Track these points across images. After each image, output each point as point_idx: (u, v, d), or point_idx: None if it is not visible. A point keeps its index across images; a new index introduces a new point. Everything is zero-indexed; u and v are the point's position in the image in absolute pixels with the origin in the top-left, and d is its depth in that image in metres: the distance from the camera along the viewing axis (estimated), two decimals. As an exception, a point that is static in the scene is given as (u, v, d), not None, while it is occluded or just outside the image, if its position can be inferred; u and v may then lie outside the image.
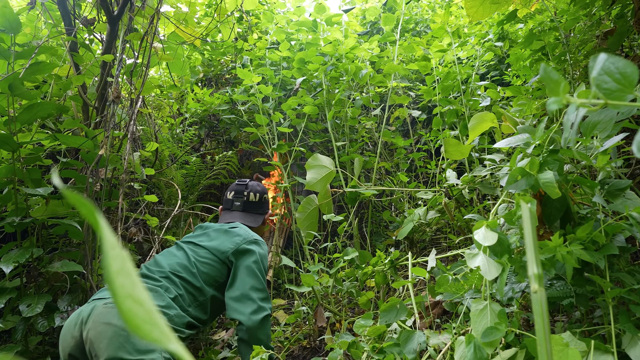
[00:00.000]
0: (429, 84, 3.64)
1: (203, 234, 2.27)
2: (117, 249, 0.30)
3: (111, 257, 0.29)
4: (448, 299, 2.02)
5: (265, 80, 4.20)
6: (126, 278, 0.29)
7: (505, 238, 1.39)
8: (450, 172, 2.96)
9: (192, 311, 2.00)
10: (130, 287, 0.29)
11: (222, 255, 2.12)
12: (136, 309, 0.28)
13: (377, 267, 2.53)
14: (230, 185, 2.57)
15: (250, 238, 2.20)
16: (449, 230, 3.43)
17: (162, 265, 2.07)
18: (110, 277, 0.28)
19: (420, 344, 1.73)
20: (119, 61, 2.60)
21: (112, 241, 0.30)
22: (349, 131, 4.12)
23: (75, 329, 1.78)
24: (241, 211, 2.45)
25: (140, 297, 0.30)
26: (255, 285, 2.07)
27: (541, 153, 1.58)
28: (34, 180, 2.46)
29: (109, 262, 0.28)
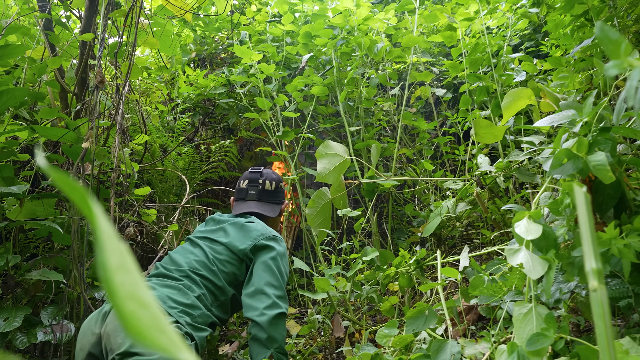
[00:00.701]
0: (455, 57, 3.60)
1: (219, 229, 2.36)
2: (115, 241, 0.28)
3: (108, 250, 0.27)
4: (484, 303, 2.00)
5: (266, 58, 4.18)
6: (127, 275, 0.28)
7: (551, 231, 1.37)
8: (482, 157, 2.93)
9: (215, 311, 2.13)
10: (132, 287, 0.28)
11: (240, 252, 2.22)
12: (140, 313, 0.27)
13: (401, 269, 2.52)
14: (243, 173, 2.63)
15: (269, 234, 2.29)
16: (482, 224, 3.40)
17: (179, 264, 2.17)
18: (108, 275, 0.27)
19: (453, 355, 1.72)
20: (101, 40, 2.59)
21: (109, 231, 0.28)
22: (364, 114, 4.10)
23: (96, 326, 1.90)
24: (257, 200, 2.52)
25: (144, 298, 0.28)
26: (271, 281, 2.14)
27: (590, 132, 1.55)
28: (6, 178, 2.46)
29: (106, 256, 0.27)
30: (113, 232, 0.29)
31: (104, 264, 0.27)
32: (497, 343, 1.69)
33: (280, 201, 2.61)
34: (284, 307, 2.13)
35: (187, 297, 2.02)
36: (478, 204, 2.95)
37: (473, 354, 1.71)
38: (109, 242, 0.28)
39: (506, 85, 3.44)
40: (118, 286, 0.26)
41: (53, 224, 2.28)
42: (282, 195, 2.63)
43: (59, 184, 0.29)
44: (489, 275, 1.95)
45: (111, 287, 0.26)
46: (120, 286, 0.27)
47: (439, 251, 2.41)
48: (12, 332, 2.16)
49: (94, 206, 0.28)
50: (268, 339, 2.05)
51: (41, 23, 2.92)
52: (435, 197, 3.72)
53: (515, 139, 3.33)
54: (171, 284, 2.06)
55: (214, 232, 2.35)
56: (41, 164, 0.30)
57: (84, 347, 1.90)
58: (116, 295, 0.26)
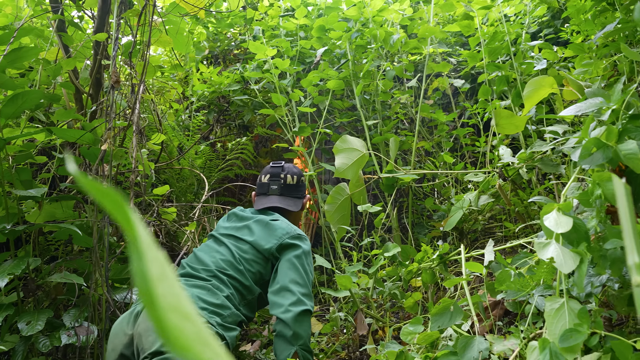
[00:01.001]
0: (473, 47, 3.56)
1: (243, 226, 2.37)
2: (154, 250, 0.27)
3: (149, 259, 0.26)
4: (511, 298, 1.97)
5: (280, 53, 4.16)
6: (168, 286, 0.26)
7: (582, 223, 1.35)
8: (503, 149, 2.90)
9: (243, 310, 2.16)
10: (174, 298, 0.26)
11: (266, 252, 2.24)
12: (183, 325, 0.26)
13: (424, 264, 2.50)
14: (264, 168, 2.63)
15: (294, 233, 2.30)
16: (505, 217, 3.37)
17: (206, 263, 2.20)
18: (148, 286, 0.25)
19: (481, 352, 1.69)
20: (115, 40, 2.59)
21: (148, 240, 0.27)
22: (381, 107, 4.07)
23: (128, 326, 1.93)
24: (279, 195, 2.53)
25: (187, 309, 0.27)
26: (296, 279, 2.16)
27: (618, 120, 1.52)
28: (24, 182, 2.47)
29: (147, 267, 0.26)
30: (152, 240, 0.27)
31: (144, 274, 0.26)
32: (527, 339, 1.66)
33: (302, 195, 2.62)
34: (309, 304, 2.14)
35: (217, 297, 2.05)
36: (500, 196, 2.92)
37: (502, 351, 1.69)
38: (149, 251, 0.26)
39: (526, 74, 3.39)
40: (160, 298, 0.25)
41: (73, 227, 2.29)
42: (304, 190, 2.64)
43: (92, 191, 0.27)
44: (515, 270, 1.92)
45: (152, 299, 0.25)
46: (162, 298, 0.25)
47: (463, 245, 2.39)
48: (34, 335, 2.18)
49: (131, 214, 0.27)
50: (293, 335, 2.05)
51: (54, 24, 2.93)
52: (456, 190, 3.68)
53: (537, 129, 3.28)
54: (200, 284, 2.08)
55: (239, 229, 2.36)
56: (71, 171, 0.29)
57: (116, 347, 1.93)
58: (158, 307, 0.25)
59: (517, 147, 3.63)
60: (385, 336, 2.64)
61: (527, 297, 1.89)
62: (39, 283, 2.43)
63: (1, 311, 2.18)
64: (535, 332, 1.70)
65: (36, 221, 2.44)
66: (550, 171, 2.68)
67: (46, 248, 2.93)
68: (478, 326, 1.94)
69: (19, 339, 2.26)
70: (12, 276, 2.15)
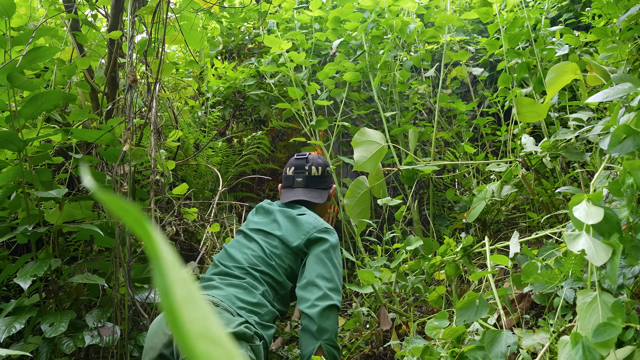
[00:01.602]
0: (491, 34, 3.51)
1: (272, 221, 2.39)
2: (178, 270, 0.25)
3: (173, 281, 0.24)
4: (539, 291, 1.94)
5: (295, 46, 4.13)
6: (196, 310, 0.24)
7: (614, 213, 1.31)
8: (526, 137, 2.86)
9: (277, 305, 2.17)
10: (202, 323, 0.24)
11: (294, 248, 2.25)
12: (214, 352, 0.24)
13: (447, 257, 2.47)
14: (289, 160, 2.65)
15: (321, 227, 2.30)
16: (528, 207, 3.32)
17: (238, 260, 2.21)
18: (174, 310, 0.23)
19: (509, 346, 1.66)
20: (130, 38, 2.58)
21: (171, 259, 0.25)
22: (399, 98, 4.04)
23: (167, 326, 1.91)
24: (304, 187, 2.54)
25: (217, 334, 0.25)
26: (323, 273, 2.16)
27: (648, 106, 1.48)
28: (44, 183, 2.48)
29: (171, 289, 0.23)
30: (176, 258, 0.25)
31: (169, 298, 0.23)
32: (557, 333, 1.63)
33: (328, 186, 2.62)
34: (336, 299, 2.13)
35: (253, 295, 2.06)
36: (524, 186, 2.87)
37: (531, 345, 1.66)
38: (173, 272, 0.24)
39: (547, 61, 3.34)
40: (187, 324, 0.23)
41: (95, 227, 2.29)
42: (330, 180, 2.64)
43: (112, 206, 0.25)
44: (542, 261, 1.89)
45: (179, 325, 0.23)
46: (190, 324, 0.23)
47: (487, 237, 2.35)
48: (58, 336, 2.18)
49: (152, 230, 0.25)
50: (318, 330, 2.04)
51: (68, 23, 2.93)
52: (478, 181, 3.64)
53: (559, 116, 3.23)
54: (236, 283, 2.10)
55: (267, 224, 2.38)
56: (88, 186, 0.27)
57: (155, 346, 1.92)
58: (186, 335, 0.23)
59: (540, 136, 3.58)
60: (409, 331, 2.62)
61: (555, 290, 1.86)
62: (61, 284, 2.44)
63: (24, 313, 2.19)
64: (564, 325, 1.67)
65: (57, 222, 2.45)
66: (574, 159, 2.64)
67: (66, 249, 2.94)
68: (505, 320, 1.91)
69: (42, 341, 2.27)
70: (35, 278, 2.16)
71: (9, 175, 2.36)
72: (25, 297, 2.38)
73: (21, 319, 2.15)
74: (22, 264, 2.31)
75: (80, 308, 2.67)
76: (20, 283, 2.12)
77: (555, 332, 1.63)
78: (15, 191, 2.47)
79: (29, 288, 2.17)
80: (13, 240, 2.85)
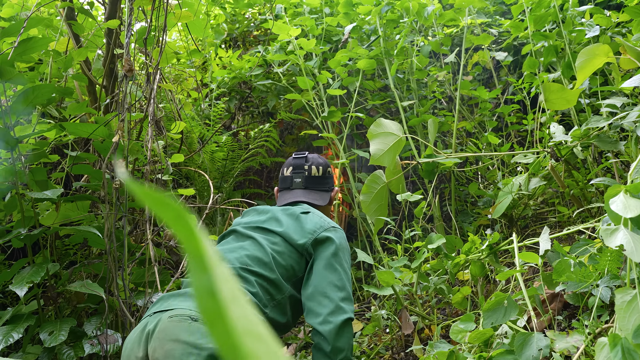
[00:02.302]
0: (515, 15, 3.50)
1: (270, 218, 2.26)
2: (222, 267, 0.26)
3: (219, 279, 0.25)
4: (572, 290, 1.94)
5: (305, 32, 4.14)
6: (240, 308, 0.25)
7: (654, 205, 1.31)
8: (555, 126, 2.85)
9: (270, 312, 2.02)
10: (246, 320, 0.25)
11: (299, 247, 2.13)
12: (259, 349, 0.25)
13: (472, 256, 2.47)
14: (287, 160, 2.55)
15: (328, 225, 2.20)
16: (558, 201, 3.32)
17: (228, 260, 2.07)
18: (219, 309, 0.24)
19: (541, 350, 1.67)
20: (128, 26, 2.60)
21: (214, 257, 0.26)
22: (417, 86, 4.03)
23: (139, 348, 1.78)
24: (303, 189, 2.44)
25: (260, 330, 0.26)
26: (334, 280, 2.05)
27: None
28: (39, 182, 2.50)
29: (216, 287, 0.24)
30: (219, 256, 0.26)
31: (214, 295, 0.24)
32: (592, 335, 1.63)
33: (330, 188, 2.51)
34: (350, 310, 2.03)
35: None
36: (553, 178, 2.87)
37: (565, 348, 1.66)
38: (217, 269, 0.25)
39: (576, 43, 3.33)
40: (235, 321, 0.24)
41: (92, 229, 2.31)
42: (331, 182, 2.54)
43: (147, 200, 0.26)
44: (575, 259, 1.89)
45: (226, 323, 0.24)
46: (237, 321, 0.24)
47: (514, 234, 2.35)
48: (58, 346, 2.21)
49: (194, 226, 0.26)
50: (333, 350, 1.94)
51: (63, 12, 2.95)
52: (503, 173, 3.64)
53: (590, 102, 3.22)
54: None
55: (265, 222, 2.25)
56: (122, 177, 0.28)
57: None
58: (233, 332, 0.24)
59: (569, 124, 3.56)
60: (432, 335, 2.62)
61: (589, 289, 1.86)
62: (59, 290, 2.47)
63: (22, 321, 2.21)
64: (600, 326, 1.67)
65: (52, 224, 2.47)
66: (608, 149, 2.63)
67: (64, 252, 2.97)
68: (535, 322, 1.91)
69: (41, 350, 2.29)
70: (32, 284, 2.18)
71: (1, 175, 2.38)
72: (22, 304, 2.40)
73: (19, 327, 2.17)
74: (18, 269, 2.33)
75: (80, 315, 2.69)
76: (16, 290, 2.13)
77: (590, 333, 1.63)
78: (10, 192, 2.49)
79: (26, 295, 2.20)
80: (9, 244, 2.87)
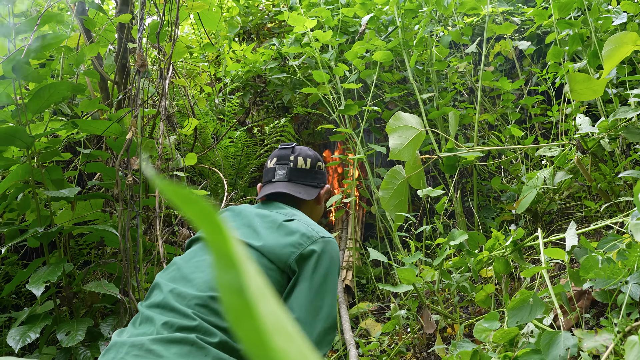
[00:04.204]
0: (539, 3, 3.48)
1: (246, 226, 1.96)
2: (250, 265, 0.27)
3: (247, 276, 0.25)
4: (600, 287, 1.93)
5: (320, 24, 4.14)
6: (269, 305, 0.26)
7: (685, 199, 1.30)
8: (581, 117, 2.83)
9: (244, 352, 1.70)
10: (276, 317, 0.26)
11: (281, 262, 1.81)
12: (290, 348, 0.25)
13: (495, 252, 2.47)
14: (272, 152, 2.26)
15: (316, 236, 1.88)
16: (584, 195, 3.29)
17: (194, 283, 1.72)
18: (249, 306, 0.25)
19: (569, 349, 1.66)
20: (140, 20, 2.62)
21: (243, 254, 0.26)
22: (436, 78, 4.02)
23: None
24: (287, 181, 2.17)
25: (290, 329, 0.26)
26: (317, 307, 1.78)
27: None
28: (55, 181, 2.53)
29: (246, 285, 0.25)
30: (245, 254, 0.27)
31: (243, 292, 0.25)
32: (622, 333, 1.62)
33: (319, 185, 2.23)
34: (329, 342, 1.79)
35: (205, 353, 1.53)
36: (579, 171, 2.85)
37: (593, 347, 1.65)
38: (245, 266, 0.26)
39: (603, 31, 3.30)
40: (265, 318, 0.24)
41: (109, 228, 2.33)
42: (322, 179, 2.26)
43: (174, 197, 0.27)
44: (603, 255, 1.88)
45: (255, 321, 0.24)
46: (267, 318, 0.25)
47: (539, 229, 2.34)
48: (75, 346, 2.23)
49: (222, 224, 0.26)
50: None
51: (74, 8, 2.98)
52: (527, 167, 3.62)
53: (618, 92, 3.19)
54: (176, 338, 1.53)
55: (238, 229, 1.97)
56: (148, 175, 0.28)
57: None
58: (263, 330, 0.24)
59: (596, 115, 3.54)
60: (455, 334, 2.62)
61: (618, 286, 1.85)
62: (74, 290, 2.50)
63: (39, 321, 2.24)
64: (631, 325, 1.66)
65: (68, 223, 2.50)
66: (637, 140, 2.61)
67: (78, 252, 3.00)
68: (562, 320, 1.90)
69: (57, 351, 2.33)
70: (48, 284, 2.21)
71: (17, 174, 2.41)
72: (38, 304, 2.44)
73: (36, 327, 2.20)
74: (34, 269, 2.36)
75: (95, 315, 2.72)
76: (33, 290, 2.16)
77: (620, 332, 1.62)
78: (23, 191, 2.52)
79: (42, 295, 2.23)
80: (21, 243, 2.89)
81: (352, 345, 2.81)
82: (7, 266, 3.05)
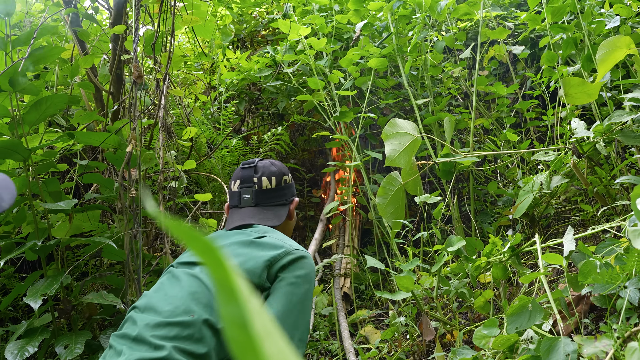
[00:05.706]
0: (532, 7, 3.49)
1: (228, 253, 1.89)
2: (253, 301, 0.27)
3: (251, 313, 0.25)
4: (599, 292, 1.93)
5: (314, 31, 4.15)
6: (275, 344, 0.26)
7: (682, 204, 1.30)
8: (576, 121, 2.84)
9: None
10: (282, 357, 0.26)
11: (255, 278, 1.79)
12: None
13: (493, 258, 2.47)
14: (234, 172, 2.19)
15: (290, 249, 1.86)
16: (581, 199, 3.30)
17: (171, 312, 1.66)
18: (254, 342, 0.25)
19: (569, 355, 1.66)
20: (135, 31, 2.62)
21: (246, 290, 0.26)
22: (431, 83, 4.03)
23: None
24: (254, 206, 2.09)
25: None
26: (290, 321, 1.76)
27: None
28: (52, 193, 2.53)
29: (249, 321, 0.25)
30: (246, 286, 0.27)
31: (247, 329, 0.25)
32: (622, 339, 1.62)
33: (288, 200, 2.16)
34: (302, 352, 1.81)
35: None
36: (576, 175, 2.86)
37: (593, 353, 1.65)
38: (249, 303, 0.26)
39: (596, 35, 3.32)
40: (270, 358, 0.24)
41: (106, 240, 2.32)
42: (290, 192, 2.19)
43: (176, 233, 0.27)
44: (601, 259, 1.88)
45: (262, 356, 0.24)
46: (273, 358, 0.25)
47: (537, 234, 2.35)
48: (73, 359, 2.22)
49: (224, 258, 0.26)
50: None
51: (68, 19, 2.98)
52: (523, 171, 3.62)
53: (612, 96, 3.20)
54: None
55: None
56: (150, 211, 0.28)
57: None
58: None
59: (591, 118, 3.55)
60: (454, 341, 2.62)
61: (617, 291, 1.85)
62: (74, 303, 2.49)
63: (37, 335, 2.23)
64: (630, 330, 1.66)
65: (65, 235, 2.49)
66: (632, 144, 2.62)
67: (75, 264, 2.99)
68: (562, 325, 1.91)
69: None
70: (46, 297, 2.20)
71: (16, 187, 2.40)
72: (35, 317, 2.43)
73: (34, 341, 2.19)
74: (32, 282, 2.35)
75: (94, 327, 2.71)
76: (30, 303, 2.15)
77: (619, 337, 1.63)
78: (19, 204, 2.51)
79: (40, 308, 2.22)
80: (17, 256, 2.88)
81: (351, 353, 2.81)
82: (4, 279, 3.04)
